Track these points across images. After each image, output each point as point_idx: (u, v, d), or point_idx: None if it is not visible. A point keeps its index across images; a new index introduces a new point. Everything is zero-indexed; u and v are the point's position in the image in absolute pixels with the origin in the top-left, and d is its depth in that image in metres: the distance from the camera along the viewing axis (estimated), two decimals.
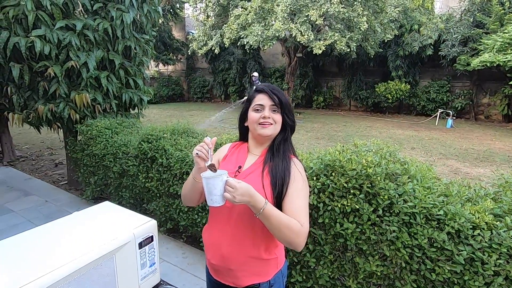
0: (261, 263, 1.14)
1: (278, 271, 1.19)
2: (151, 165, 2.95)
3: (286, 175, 1.10)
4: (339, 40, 8.65)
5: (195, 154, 1.06)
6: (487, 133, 8.82)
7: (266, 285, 1.16)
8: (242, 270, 1.13)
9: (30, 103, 3.53)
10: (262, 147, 1.21)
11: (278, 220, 1.01)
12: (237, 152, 1.25)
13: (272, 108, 1.16)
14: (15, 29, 3.16)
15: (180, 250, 2.81)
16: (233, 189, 0.95)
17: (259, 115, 1.15)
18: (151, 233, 1.28)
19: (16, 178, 4.62)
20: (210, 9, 10.95)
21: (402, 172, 1.79)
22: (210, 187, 0.97)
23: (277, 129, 1.17)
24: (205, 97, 16.28)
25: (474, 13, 9.85)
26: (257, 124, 1.15)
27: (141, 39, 4.04)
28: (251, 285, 1.14)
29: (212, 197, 0.98)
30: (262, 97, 1.17)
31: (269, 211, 1.00)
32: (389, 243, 1.69)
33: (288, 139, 1.22)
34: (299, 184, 1.11)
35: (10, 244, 1.11)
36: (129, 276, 1.19)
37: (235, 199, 0.95)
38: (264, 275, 1.15)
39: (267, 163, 1.14)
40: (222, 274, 1.16)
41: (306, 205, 1.11)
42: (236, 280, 1.14)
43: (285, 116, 1.17)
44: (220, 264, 1.14)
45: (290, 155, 1.18)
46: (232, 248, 1.12)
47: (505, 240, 1.42)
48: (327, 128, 9.16)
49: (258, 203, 0.98)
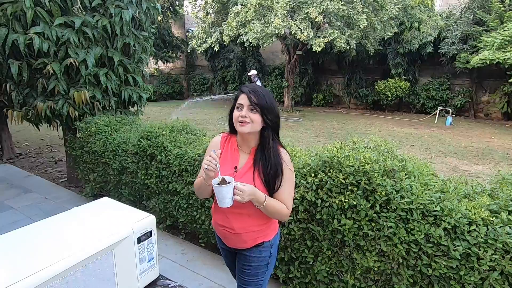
0: (263, 227, 1.38)
1: (276, 233, 1.46)
2: (150, 162, 2.96)
3: (278, 170, 1.28)
4: (339, 37, 8.63)
5: (204, 168, 1.21)
6: (486, 131, 8.82)
7: (268, 243, 1.42)
8: (248, 235, 1.36)
9: (29, 100, 3.53)
10: (250, 144, 1.35)
11: (273, 208, 1.27)
12: (229, 150, 1.38)
13: (250, 107, 1.25)
14: (13, 26, 3.15)
15: (180, 247, 2.82)
16: (242, 192, 1.17)
17: (238, 113, 1.26)
18: (150, 228, 1.29)
19: (16, 176, 4.63)
20: (209, 6, 10.90)
21: (399, 168, 1.81)
22: (223, 193, 1.17)
23: (255, 128, 1.27)
24: (205, 95, 16.25)
25: (474, 10, 9.82)
26: (236, 122, 1.27)
27: (140, 37, 4.03)
28: (257, 244, 1.39)
29: (224, 201, 1.19)
30: (243, 97, 1.27)
31: (269, 202, 1.25)
32: (386, 239, 1.71)
33: (274, 136, 1.33)
34: (287, 175, 1.31)
35: (11, 238, 1.12)
36: (128, 270, 1.20)
37: (244, 199, 1.17)
38: (266, 236, 1.40)
39: (257, 165, 1.30)
40: (232, 240, 1.41)
41: (292, 191, 1.35)
42: (244, 244, 1.39)
43: (264, 117, 1.26)
44: (231, 235, 1.37)
45: (278, 148, 1.32)
46: (240, 225, 1.34)
47: (501, 236, 1.43)
48: (327, 126, 9.16)
49: (260, 198, 1.23)
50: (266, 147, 1.30)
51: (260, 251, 1.40)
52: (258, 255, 1.40)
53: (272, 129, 1.32)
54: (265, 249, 1.41)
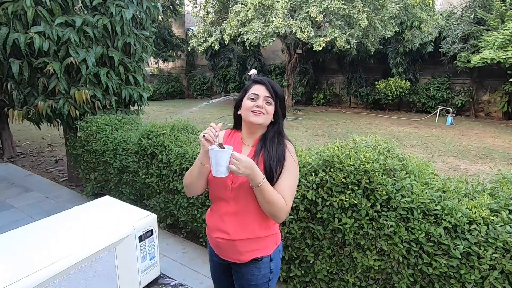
0: (261, 239, 1.24)
1: (276, 247, 1.31)
2: (151, 161, 2.97)
3: (281, 157, 1.20)
4: (339, 36, 8.62)
5: (201, 137, 1.12)
6: (487, 130, 8.82)
7: (268, 259, 1.27)
8: (245, 246, 1.23)
9: (30, 99, 3.53)
10: (254, 136, 1.27)
11: (269, 195, 1.13)
12: (232, 142, 1.29)
13: (267, 99, 1.21)
14: (14, 25, 3.15)
15: (180, 246, 2.83)
16: (238, 161, 1.05)
17: (253, 103, 1.20)
18: (151, 226, 1.29)
19: (17, 175, 4.63)
20: (210, 5, 10.90)
21: (400, 167, 1.81)
22: (218, 158, 1.06)
23: (268, 120, 1.23)
24: (205, 94, 16.25)
25: (475, 9, 9.81)
26: (249, 111, 1.20)
27: (141, 36, 4.04)
28: (254, 258, 1.25)
29: (218, 168, 1.07)
30: (259, 87, 1.22)
31: (265, 186, 1.12)
32: (386, 237, 1.71)
33: (281, 129, 1.28)
34: (289, 164, 1.21)
35: (12, 237, 1.12)
36: (129, 269, 1.21)
37: (239, 170, 1.06)
38: (265, 249, 1.26)
39: (259, 153, 1.21)
40: (226, 251, 1.26)
41: (293, 185, 1.22)
42: (240, 256, 1.24)
43: (278, 107, 1.23)
44: (225, 243, 1.24)
45: (284, 139, 1.26)
46: (236, 228, 1.22)
47: (501, 235, 1.43)
48: (327, 125, 9.16)
49: (258, 177, 1.10)
50: (270, 137, 1.23)
51: (259, 268, 1.26)
52: (257, 273, 1.26)
53: (281, 121, 1.28)
54: (264, 266, 1.26)
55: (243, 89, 1.29)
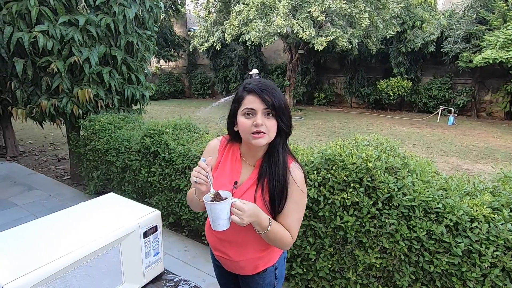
0: (264, 253, 1.17)
1: (280, 254, 1.25)
2: (154, 159, 2.98)
3: (284, 188, 1.05)
4: (341, 36, 8.61)
5: (193, 181, 0.97)
6: (488, 130, 8.80)
7: (272, 268, 1.21)
8: (248, 264, 1.16)
9: (33, 98, 3.56)
10: (257, 155, 1.11)
11: (275, 236, 1.02)
12: (229, 160, 1.13)
13: (265, 112, 1.01)
14: (18, 24, 3.18)
15: (182, 244, 2.85)
16: (241, 212, 0.91)
17: (250, 123, 1.00)
18: (155, 223, 1.31)
19: (20, 173, 4.66)
20: (211, 5, 10.91)
21: (401, 166, 1.82)
22: (217, 212, 0.91)
23: (271, 137, 1.03)
24: (207, 94, 16.26)
25: (477, 9, 9.77)
26: (249, 134, 1.01)
27: (143, 35, 4.05)
28: (259, 272, 1.19)
29: (219, 222, 0.92)
30: (253, 99, 1.01)
31: (273, 228, 1.00)
32: (388, 235, 1.72)
33: (285, 144, 1.10)
34: (297, 197, 1.07)
35: (20, 232, 1.14)
36: (134, 264, 1.22)
37: (244, 221, 0.92)
38: (269, 262, 1.20)
39: (263, 178, 1.06)
40: (229, 267, 1.23)
41: (300, 217, 1.10)
42: (243, 271, 1.20)
43: (280, 121, 1.03)
44: (227, 261, 1.19)
45: (288, 161, 1.09)
46: (235, 253, 1.14)
47: (502, 233, 1.44)
48: (329, 125, 9.16)
49: (264, 222, 0.98)
50: (274, 158, 1.05)
51: (263, 278, 1.21)
52: (261, 282, 1.22)
53: (285, 135, 1.08)
54: (269, 275, 1.21)
55: (234, 98, 1.07)
